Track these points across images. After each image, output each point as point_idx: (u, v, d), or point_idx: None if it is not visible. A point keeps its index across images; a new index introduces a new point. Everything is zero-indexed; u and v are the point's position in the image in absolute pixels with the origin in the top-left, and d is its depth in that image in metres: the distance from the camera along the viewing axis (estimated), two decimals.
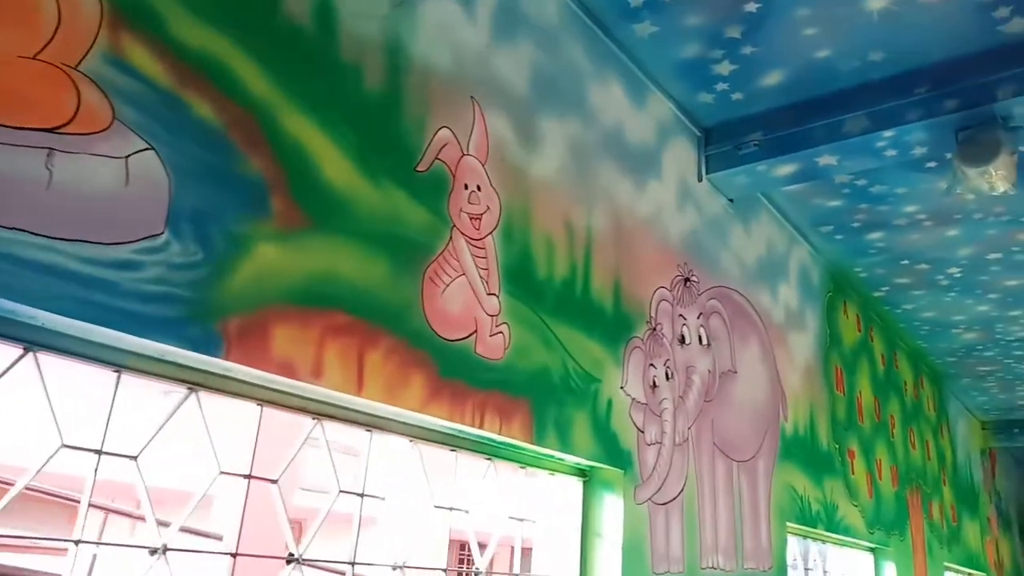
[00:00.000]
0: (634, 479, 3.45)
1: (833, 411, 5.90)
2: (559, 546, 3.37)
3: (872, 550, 6.71)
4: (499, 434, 2.75)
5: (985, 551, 10.31)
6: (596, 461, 3.27)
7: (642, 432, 3.56)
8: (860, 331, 6.85)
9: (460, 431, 2.74)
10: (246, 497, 2.23)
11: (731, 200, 4.80)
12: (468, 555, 15.66)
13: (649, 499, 3.52)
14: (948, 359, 8.52)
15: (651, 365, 3.71)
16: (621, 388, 3.47)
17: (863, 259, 6.17)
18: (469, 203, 2.79)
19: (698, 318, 4.21)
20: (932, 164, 4.75)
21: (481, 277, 2.78)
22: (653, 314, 3.81)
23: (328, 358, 2.17)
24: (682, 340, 4.02)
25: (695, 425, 4.00)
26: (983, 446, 11.24)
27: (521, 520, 3.19)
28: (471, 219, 2.79)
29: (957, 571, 9.24)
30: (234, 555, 2.17)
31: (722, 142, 4.51)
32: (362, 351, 2.28)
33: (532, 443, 2.90)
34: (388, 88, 2.52)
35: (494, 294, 2.83)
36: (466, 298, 2.70)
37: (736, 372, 4.52)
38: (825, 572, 5.93)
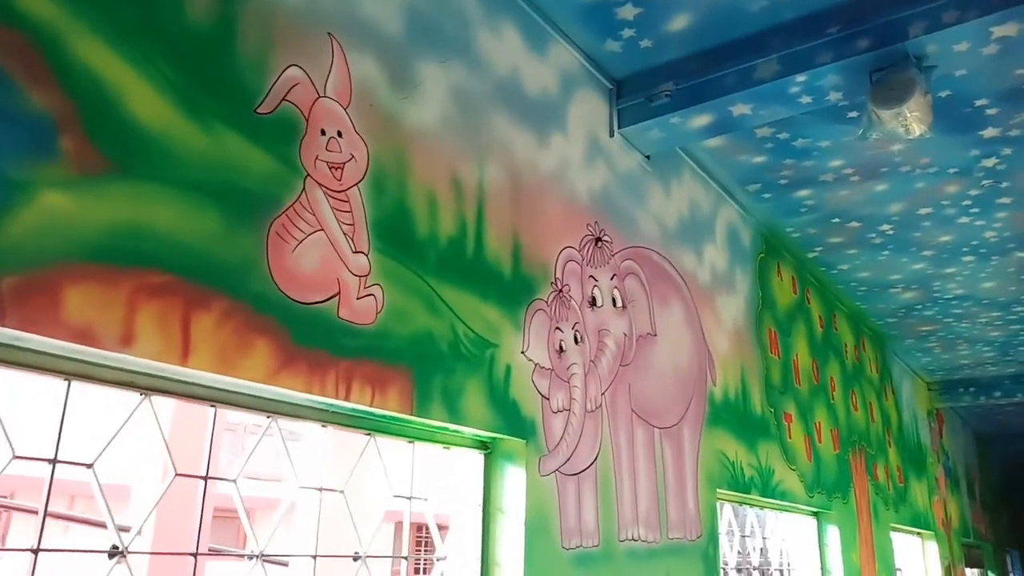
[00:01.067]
0: (539, 449, 3.23)
1: (767, 374, 5.76)
2: (460, 524, 3.15)
3: (815, 514, 6.62)
4: (371, 406, 2.50)
5: (933, 511, 10.37)
6: (494, 431, 3.04)
7: (547, 399, 3.34)
8: (796, 293, 6.73)
9: (324, 404, 2.48)
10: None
11: (648, 157, 4.59)
12: (427, 537, 15.46)
13: (557, 470, 3.31)
14: (888, 320, 8.47)
15: (557, 328, 3.49)
16: (522, 353, 3.24)
17: (794, 218, 6.02)
18: (327, 150, 2.52)
19: (611, 280, 4.00)
20: (853, 114, 4.58)
21: (345, 233, 2.52)
22: (559, 275, 3.59)
23: (142, 323, 1.90)
24: (593, 302, 3.80)
25: (610, 391, 3.80)
26: (930, 407, 11.30)
27: (409, 498, 2.96)
28: (331, 168, 2.52)
29: (905, 531, 9.26)
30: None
31: (634, 94, 4.29)
32: (187, 315, 2.01)
33: (413, 415, 2.66)
34: (220, 19, 2.23)
35: (362, 252, 2.57)
36: (326, 256, 2.44)
37: (656, 335, 4.33)
38: (764, 539, 5.81)
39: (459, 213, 3.05)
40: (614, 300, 3.98)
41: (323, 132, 2.52)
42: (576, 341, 3.60)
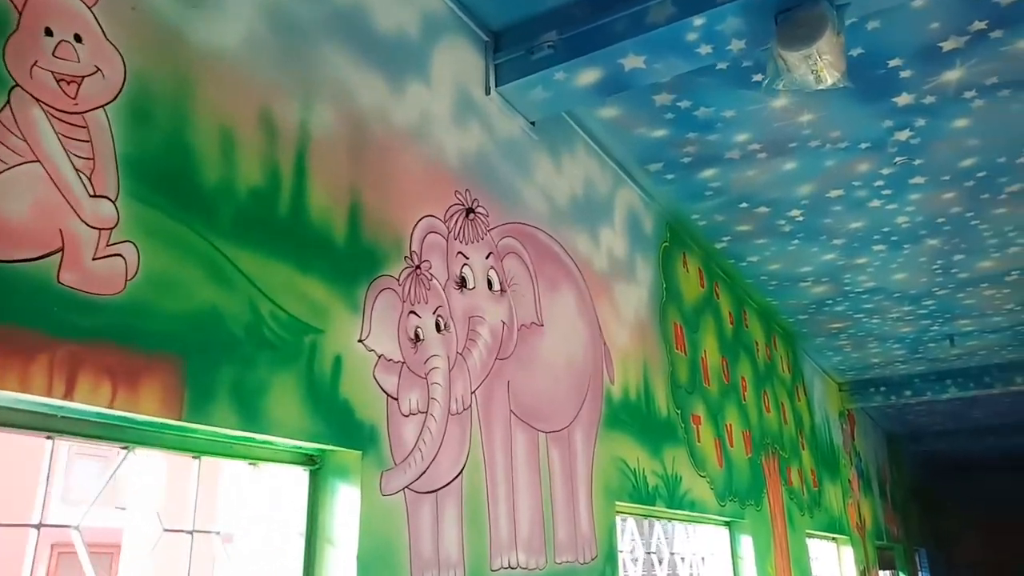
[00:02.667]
0: (381, 462, 2.57)
1: (673, 372, 5.24)
2: (275, 560, 2.46)
3: (727, 524, 6.14)
4: (110, 407, 1.80)
5: (847, 514, 10.13)
6: (316, 441, 2.37)
7: (395, 399, 2.68)
8: (703, 287, 6.27)
9: (42, 406, 1.77)
10: None
11: (533, 123, 4.01)
12: None
13: (407, 487, 2.65)
14: (799, 316, 8.15)
15: (412, 313, 2.84)
16: (360, 342, 2.58)
17: (698, 203, 5.54)
18: (55, 57, 1.82)
19: (487, 258, 3.38)
20: (758, 77, 4.11)
21: (78, 170, 1.82)
22: (416, 248, 2.95)
23: None
24: (462, 283, 3.18)
25: (483, 388, 3.17)
26: (841, 408, 11.12)
27: (191, 532, 2.25)
28: (59, 81, 1.82)
29: (820, 537, 8.95)
30: None
31: (513, 47, 3.70)
32: None
33: (183, 419, 1.96)
34: None
35: (105, 197, 1.87)
36: (41, 198, 1.74)
37: (542, 325, 3.73)
38: (672, 554, 5.28)
39: (269, 160, 2.38)
40: (490, 282, 3.37)
41: (48, 32, 1.82)
42: (438, 329, 2.96)
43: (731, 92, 4.27)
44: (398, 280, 2.81)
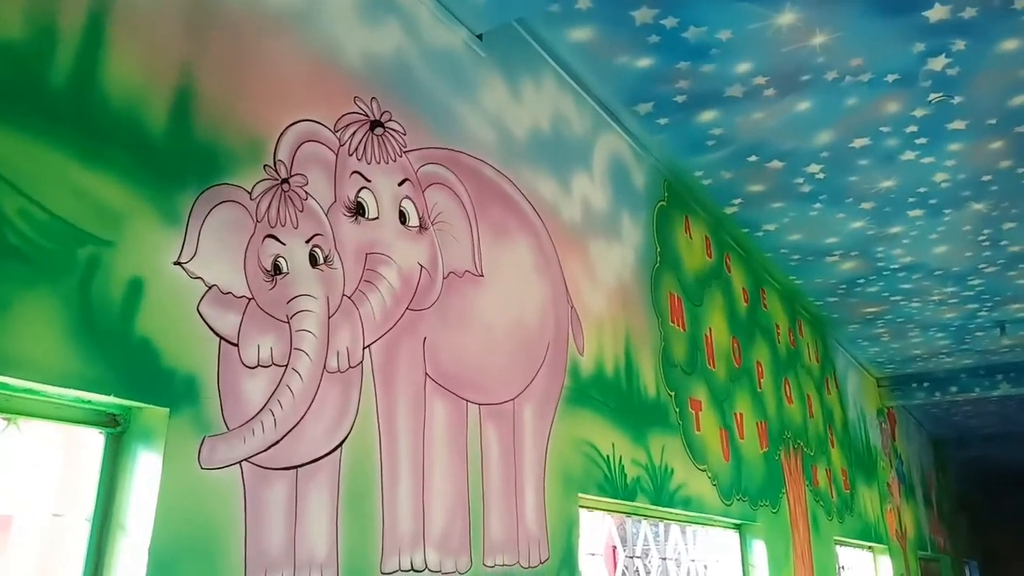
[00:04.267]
0: (203, 425, 1.93)
1: (666, 349, 4.52)
2: (58, 550, 1.83)
3: (737, 527, 5.39)
4: None
5: (886, 520, 9.23)
6: (92, 390, 1.74)
7: (235, 345, 2.04)
8: (711, 257, 5.53)
9: None
10: None
11: (479, 36, 3.34)
12: None
13: (245, 460, 2.01)
14: (828, 299, 7.32)
15: (272, 238, 2.20)
16: (179, 265, 1.95)
17: (700, 155, 4.81)
18: None
19: (400, 185, 2.72)
20: None
21: None
22: (284, 158, 2.30)
23: None
24: (358, 211, 2.52)
25: (383, 344, 2.51)
26: (880, 405, 10.21)
27: None
28: None
29: (852, 545, 8.10)
30: None
31: None
32: None
33: None
34: None
35: None
36: None
37: (481, 276, 3.06)
38: (664, 559, 4.55)
39: (40, 6, 1.75)
40: (403, 215, 2.71)
41: None
42: (314, 262, 2.31)
43: (726, 5, 3.55)
44: (249, 193, 2.17)
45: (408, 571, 2.42)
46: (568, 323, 3.59)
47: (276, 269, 2.20)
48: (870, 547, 8.75)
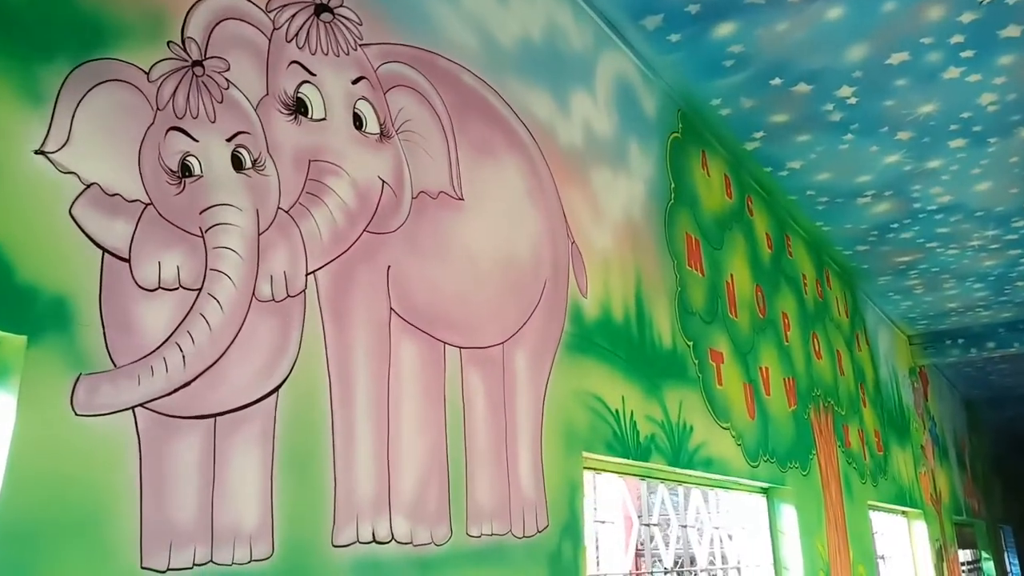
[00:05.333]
0: (78, 360, 1.49)
1: (682, 294, 4.05)
2: None
3: (764, 491, 4.94)
4: None
5: (920, 484, 8.75)
6: None
7: (126, 260, 1.60)
8: (731, 198, 5.03)
9: None
10: None
11: None
12: None
13: (140, 405, 1.57)
14: (858, 248, 6.79)
15: (179, 131, 1.75)
16: (42, 154, 1.51)
17: (717, 79, 4.30)
18: None
19: (355, 84, 2.26)
20: None
21: None
22: (197, 36, 1.84)
23: None
24: (298, 109, 2.07)
25: (334, 271, 2.07)
26: (912, 364, 9.68)
27: None
28: None
29: (886, 509, 7.63)
30: None
31: None
32: None
33: None
34: None
35: None
36: None
37: (461, 199, 2.60)
38: (684, 527, 4.11)
39: None
40: (359, 119, 2.25)
41: None
42: (239, 165, 1.86)
43: None
44: (147, 74, 1.72)
45: (369, 543, 1.99)
46: (568, 260, 3.13)
47: (185, 170, 1.75)
48: (904, 512, 8.29)
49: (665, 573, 3.76)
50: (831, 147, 5.05)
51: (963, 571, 11.19)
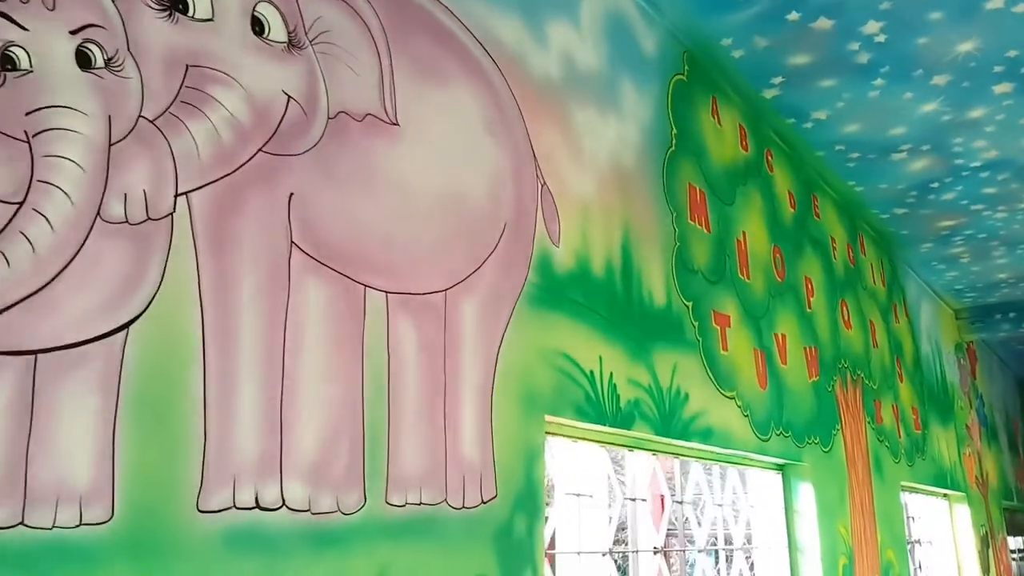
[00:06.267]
0: None
1: (681, 250, 3.69)
2: None
3: (780, 468, 4.57)
4: None
5: (963, 466, 8.23)
6: None
7: None
8: (747, 151, 4.62)
9: None
10: None
11: None
12: None
13: None
14: (895, 211, 6.30)
15: None
16: None
17: (727, 14, 3.90)
18: None
19: None
20: None
21: None
22: None
23: None
24: (174, 5, 1.77)
25: (215, 194, 1.78)
26: (958, 340, 9.10)
27: None
28: None
29: (924, 492, 7.17)
30: None
31: None
32: None
33: None
34: None
35: None
36: None
37: (395, 124, 2.29)
38: (680, 503, 3.78)
39: None
40: (260, 24, 1.95)
41: None
42: (86, 63, 1.58)
43: None
44: None
45: (251, 508, 1.72)
46: (537, 204, 2.80)
47: (7, 63, 1.47)
48: (945, 494, 7.79)
49: (636, 552, 3.44)
50: (859, 94, 4.60)
51: (1014, 558, 10.60)
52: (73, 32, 1.57)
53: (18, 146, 1.46)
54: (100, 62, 1.60)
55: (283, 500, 1.79)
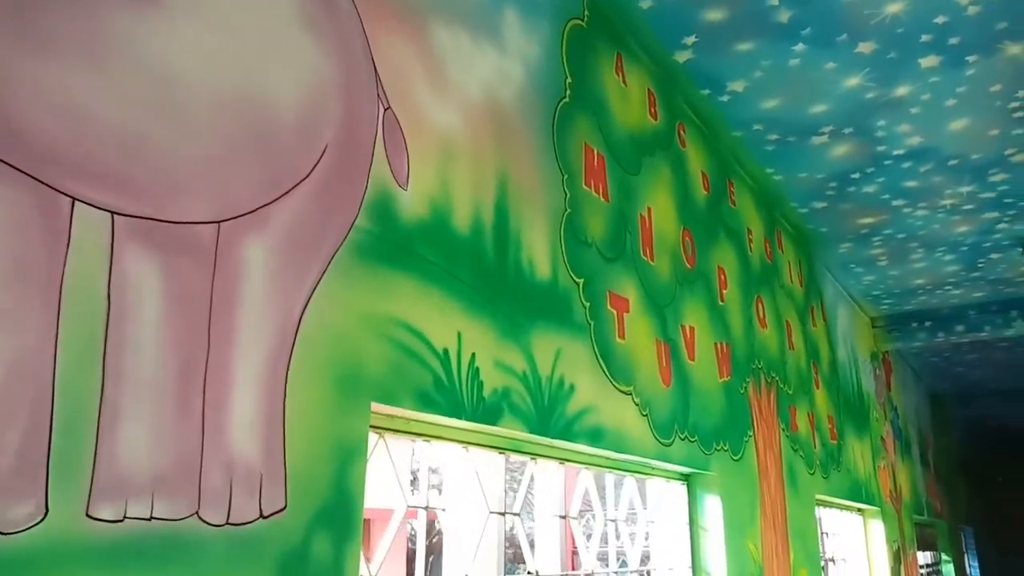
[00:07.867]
0: None
1: (572, 217, 3.12)
2: None
3: (684, 478, 4.05)
4: None
5: (878, 479, 7.93)
6: None
7: None
8: (656, 119, 4.11)
9: None
10: None
11: None
12: None
13: None
14: (815, 204, 5.92)
15: None
16: None
17: None
18: None
19: None
20: None
21: None
22: None
23: None
24: None
25: None
26: (874, 349, 8.87)
27: None
28: None
29: (839, 507, 6.80)
30: None
31: None
32: None
33: None
34: None
35: None
36: None
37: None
38: (563, 518, 3.19)
39: None
40: None
41: None
42: None
43: None
44: None
45: None
46: (375, 131, 2.18)
47: None
48: (860, 509, 7.47)
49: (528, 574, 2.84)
50: (779, 61, 4.15)
51: (921, 574, 10.44)
52: None
53: None
54: None
55: None
